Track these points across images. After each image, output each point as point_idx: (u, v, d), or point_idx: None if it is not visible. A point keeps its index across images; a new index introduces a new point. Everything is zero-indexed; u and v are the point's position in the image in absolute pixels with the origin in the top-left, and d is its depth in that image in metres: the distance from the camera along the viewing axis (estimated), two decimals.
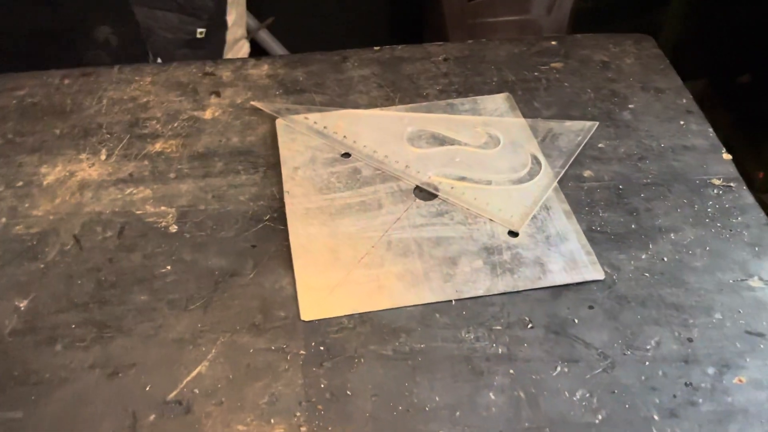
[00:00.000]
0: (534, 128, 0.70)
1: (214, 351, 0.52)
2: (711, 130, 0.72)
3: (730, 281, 0.58)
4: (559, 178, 0.65)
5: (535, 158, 0.67)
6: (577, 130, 0.70)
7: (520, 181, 0.65)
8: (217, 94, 0.74)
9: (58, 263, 0.58)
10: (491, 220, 0.62)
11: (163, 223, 0.61)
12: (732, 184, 0.66)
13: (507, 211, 0.62)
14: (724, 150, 0.70)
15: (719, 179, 0.67)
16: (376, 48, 0.80)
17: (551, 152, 0.68)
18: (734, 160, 0.69)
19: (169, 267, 0.57)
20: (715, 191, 0.66)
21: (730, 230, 0.62)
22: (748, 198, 0.65)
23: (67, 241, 0.59)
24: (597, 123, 0.71)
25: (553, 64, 0.78)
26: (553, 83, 0.76)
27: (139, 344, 0.52)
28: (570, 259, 0.59)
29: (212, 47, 1.38)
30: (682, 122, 0.72)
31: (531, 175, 0.66)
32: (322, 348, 0.52)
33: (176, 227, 0.60)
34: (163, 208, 0.62)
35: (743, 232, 0.62)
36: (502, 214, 0.62)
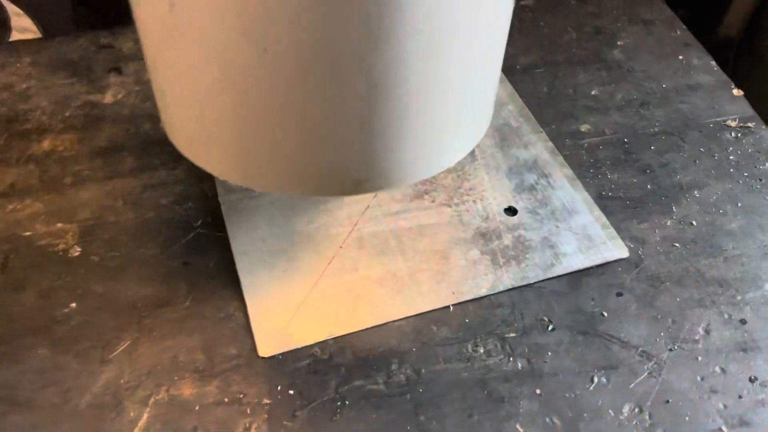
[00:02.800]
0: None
1: (146, 415, 0.38)
2: (714, 63, 0.62)
3: None
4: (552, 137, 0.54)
5: None
6: None
7: None
8: (118, 71, 0.59)
9: None
10: (481, 199, 0.50)
11: (61, 246, 0.46)
12: (750, 125, 0.57)
13: None
14: (733, 85, 0.60)
15: (734, 120, 0.57)
16: None
17: None
18: None
19: (74, 305, 0.43)
20: (733, 134, 0.56)
21: (760, 180, 0.53)
22: None
23: None
24: None
25: (523, 2, 0.66)
26: (528, 24, 0.64)
27: (44, 418, 0.38)
28: (584, 236, 0.48)
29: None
30: (681, 57, 0.62)
31: None
32: (291, 392, 0.40)
33: (79, 249, 0.46)
34: (59, 225, 0.47)
35: None
36: None
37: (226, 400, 0.39)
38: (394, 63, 0.30)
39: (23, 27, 1.26)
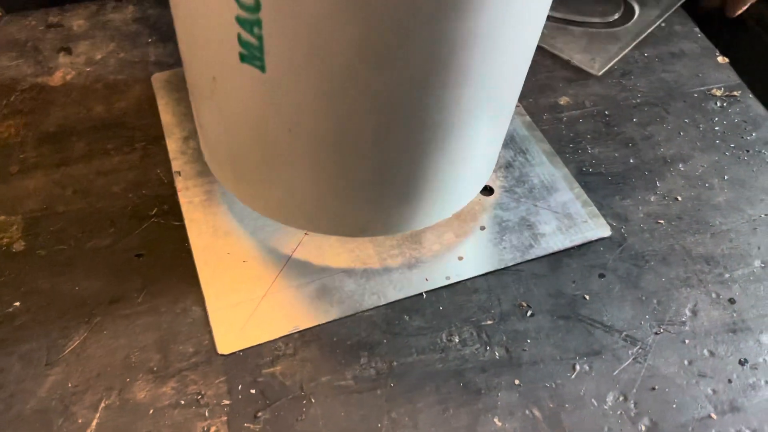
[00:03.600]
0: None
1: (96, 420, 0.36)
2: (698, 29, 0.59)
3: (763, 215, 0.46)
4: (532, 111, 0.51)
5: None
6: None
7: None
8: (68, 51, 0.55)
9: None
10: None
11: (5, 240, 0.43)
12: (736, 93, 0.54)
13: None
14: (718, 52, 0.57)
15: (720, 88, 0.54)
16: None
17: None
18: None
19: (17, 303, 0.40)
20: (719, 104, 0.53)
21: (747, 150, 0.50)
22: (758, 107, 0.53)
23: None
24: None
25: None
26: None
27: None
28: (564, 214, 0.45)
29: None
30: (663, 24, 0.59)
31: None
32: (253, 391, 0.37)
33: (24, 244, 0.43)
34: (2, 217, 0.44)
35: (763, 151, 0.50)
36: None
37: (182, 402, 0.36)
38: (397, 152, 0.33)
39: None
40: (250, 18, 0.26)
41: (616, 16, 0.58)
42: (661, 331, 0.40)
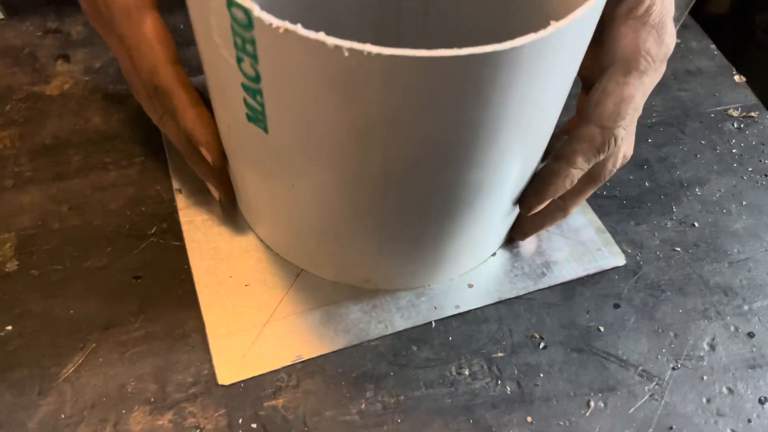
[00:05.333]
0: None
1: None
2: (714, 47, 0.57)
3: None
4: None
5: None
6: None
7: None
8: (66, 59, 0.53)
9: None
10: None
11: None
12: (753, 114, 0.53)
13: None
14: (734, 70, 0.56)
15: (737, 109, 0.53)
16: None
17: None
18: None
19: (9, 327, 0.38)
20: (736, 125, 0.52)
21: (765, 175, 0.49)
22: None
23: None
24: None
25: None
26: None
27: None
28: (577, 242, 0.44)
29: None
30: (678, 40, 0.57)
31: None
32: (254, 425, 0.35)
33: (17, 263, 0.41)
34: None
35: None
36: None
37: None
38: (391, 221, 0.34)
39: None
40: (253, 87, 0.27)
41: None
42: (679, 366, 0.39)
